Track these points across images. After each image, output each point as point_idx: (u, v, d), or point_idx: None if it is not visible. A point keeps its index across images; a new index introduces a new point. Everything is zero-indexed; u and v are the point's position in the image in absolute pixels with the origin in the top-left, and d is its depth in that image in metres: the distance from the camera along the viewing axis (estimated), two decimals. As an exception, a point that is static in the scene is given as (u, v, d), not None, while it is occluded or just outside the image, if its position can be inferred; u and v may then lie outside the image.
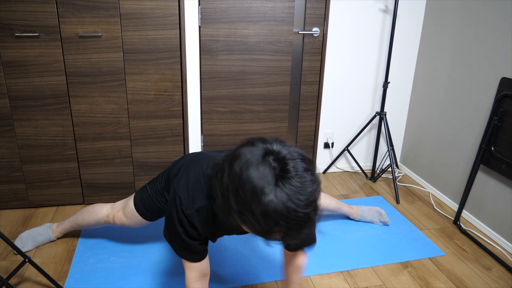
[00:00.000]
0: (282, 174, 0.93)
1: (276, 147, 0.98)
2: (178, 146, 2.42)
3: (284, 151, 0.97)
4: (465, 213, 2.38)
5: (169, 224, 1.29)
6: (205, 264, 1.37)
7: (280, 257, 1.96)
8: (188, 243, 1.28)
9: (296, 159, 0.96)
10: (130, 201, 1.75)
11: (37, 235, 1.96)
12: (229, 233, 1.41)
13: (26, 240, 1.93)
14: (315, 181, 0.96)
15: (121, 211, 1.78)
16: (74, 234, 2.08)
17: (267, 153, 0.96)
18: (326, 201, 2.05)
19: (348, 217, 2.31)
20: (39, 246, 1.97)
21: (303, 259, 1.50)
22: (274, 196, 0.91)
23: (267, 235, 0.97)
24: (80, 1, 2.04)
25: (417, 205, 2.52)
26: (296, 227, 0.94)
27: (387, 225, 2.25)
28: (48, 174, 2.29)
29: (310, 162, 0.99)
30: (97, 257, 1.91)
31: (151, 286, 1.74)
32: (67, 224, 1.96)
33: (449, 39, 2.46)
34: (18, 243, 1.91)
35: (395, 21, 2.46)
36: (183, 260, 1.36)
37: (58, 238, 2.03)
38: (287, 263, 1.52)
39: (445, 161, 2.54)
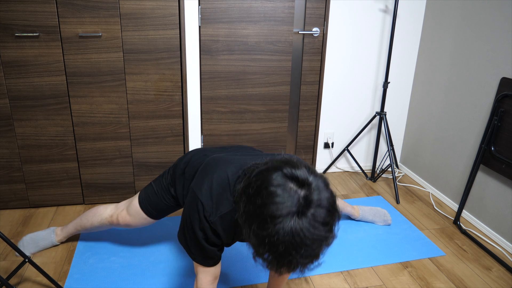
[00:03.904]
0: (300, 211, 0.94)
1: (312, 193, 0.96)
2: (178, 146, 2.42)
3: (315, 196, 0.95)
4: (465, 213, 2.38)
5: (187, 229, 1.26)
6: (218, 267, 1.37)
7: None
8: (206, 249, 1.26)
9: (321, 207, 0.95)
10: (134, 199, 1.74)
11: (40, 239, 1.93)
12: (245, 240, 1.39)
13: (28, 245, 1.90)
14: (326, 238, 0.95)
15: (125, 210, 1.76)
16: (74, 235, 2.08)
17: (299, 202, 0.94)
18: None
19: (349, 217, 2.31)
20: (42, 250, 1.95)
21: (287, 276, 1.53)
22: (280, 228, 0.92)
23: (258, 256, 0.99)
24: (80, 1, 2.04)
25: (417, 205, 2.52)
26: (282, 264, 0.95)
27: (389, 224, 2.25)
28: (48, 174, 2.29)
29: (333, 214, 0.97)
30: (97, 257, 1.91)
31: (151, 286, 1.74)
32: (71, 227, 1.93)
33: (449, 39, 2.46)
34: (20, 247, 1.88)
35: (395, 21, 2.46)
36: (197, 265, 1.34)
37: (61, 243, 2.01)
38: (272, 276, 1.55)
39: (445, 161, 2.54)
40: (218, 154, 1.47)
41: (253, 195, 0.97)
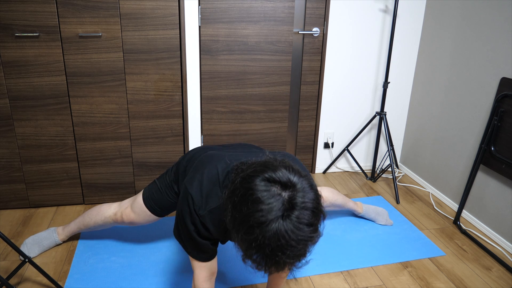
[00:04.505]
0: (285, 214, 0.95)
1: (297, 194, 0.96)
2: (178, 146, 2.42)
3: (299, 198, 0.96)
4: (465, 213, 2.38)
5: (180, 223, 1.29)
6: (214, 263, 1.38)
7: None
8: (199, 242, 1.29)
9: (306, 209, 0.96)
10: (138, 197, 1.76)
11: (42, 239, 1.92)
12: None
13: (31, 246, 1.89)
14: (311, 238, 0.97)
15: (129, 207, 1.77)
16: (75, 234, 2.08)
17: (284, 205, 0.95)
18: (333, 196, 2.05)
19: (353, 214, 2.32)
20: (46, 250, 1.94)
21: (286, 274, 1.53)
22: (266, 231, 0.94)
23: (247, 258, 1.01)
24: (80, 1, 2.04)
25: (417, 205, 2.52)
26: (270, 265, 0.97)
27: (390, 224, 2.25)
28: (48, 174, 2.29)
29: (318, 215, 0.99)
30: (97, 257, 1.91)
31: (151, 286, 1.74)
32: (73, 226, 1.93)
33: (449, 39, 2.46)
34: (23, 249, 1.88)
35: (395, 21, 2.46)
36: (192, 260, 1.36)
37: (64, 242, 2.01)
38: (271, 275, 1.55)
39: (445, 161, 2.54)
40: (215, 151, 1.49)
41: (239, 203, 0.98)
